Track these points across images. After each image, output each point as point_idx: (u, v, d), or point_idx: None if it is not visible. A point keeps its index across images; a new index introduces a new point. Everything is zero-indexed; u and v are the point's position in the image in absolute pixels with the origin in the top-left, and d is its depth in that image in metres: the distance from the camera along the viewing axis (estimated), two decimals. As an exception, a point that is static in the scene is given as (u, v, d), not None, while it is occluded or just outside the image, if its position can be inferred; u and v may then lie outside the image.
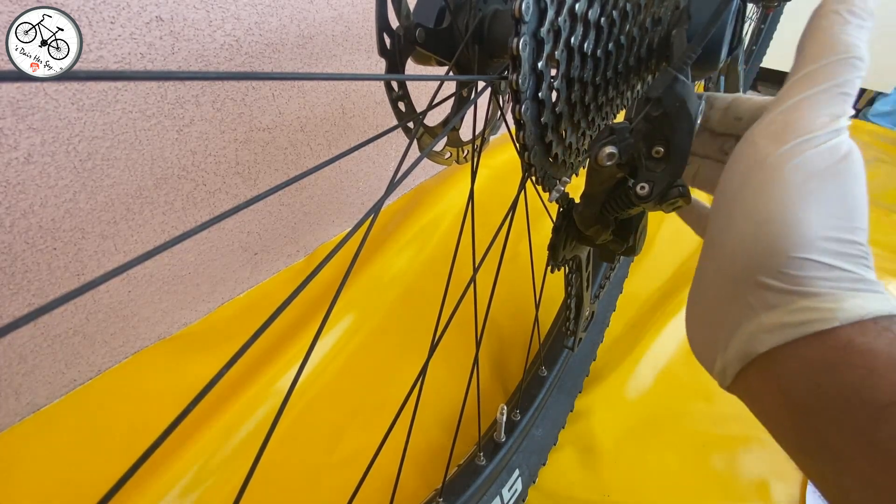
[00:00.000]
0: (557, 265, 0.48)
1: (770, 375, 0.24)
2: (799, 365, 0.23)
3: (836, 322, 0.22)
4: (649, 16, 0.38)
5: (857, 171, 0.24)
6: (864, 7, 0.26)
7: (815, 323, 0.22)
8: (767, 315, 0.24)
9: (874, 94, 2.05)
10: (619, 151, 0.31)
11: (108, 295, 0.68)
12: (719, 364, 0.27)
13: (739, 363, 0.25)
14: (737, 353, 0.25)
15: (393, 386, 0.78)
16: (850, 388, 0.21)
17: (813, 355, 0.22)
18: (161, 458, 0.63)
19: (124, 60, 0.57)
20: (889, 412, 0.20)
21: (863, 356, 0.21)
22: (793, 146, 0.24)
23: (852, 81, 0.26)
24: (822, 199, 0.24)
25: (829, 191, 0.24)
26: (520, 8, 0.27)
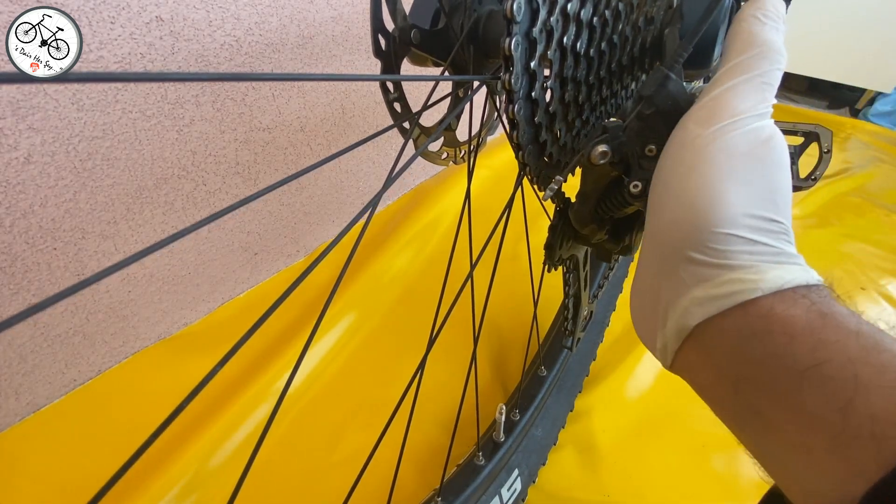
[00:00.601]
0: (554, 264, 0.48)
1: (703, 349, 0.25)
2: (726, 336, 0.24)
3: (758, 292, 0.23)
4: (642, 15, 0.38)
5: (779, 154, 0.26)
6: (777, 12, 0.30)
7: (740, 294, 0.23)
8: (697, 288, 0.25)
9: (874, 94, 2.05)
10: (611, 150, 0.31)
11: (108, 295, 0.68)
12: (660, 342, 0.27)
13: (677, 339, 0.26)
14: (674, 329, 0.26)
15: (393, 385, 0.78)
16: (773, 356, 0.22)
17: (738, 325, 0.24)
18: (161, 458, 0.64)
19: (124, 60, 0.58)
20: (809, 375, 0.21)
21: (783, 323, 0.22)
22: (718, 128, 0.26)
23: (772, 73, 0.28)
24: (744, 178, 0.25)
25: (752, 171, 0.25)
26: (511, 8, 0.27)
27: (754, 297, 0.23)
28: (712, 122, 0.27)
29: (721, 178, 0.25)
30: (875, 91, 2.02)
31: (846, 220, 1.31)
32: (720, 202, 0.25)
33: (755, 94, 0.27)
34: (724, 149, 0.26)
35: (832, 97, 2.16)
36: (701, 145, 0.26)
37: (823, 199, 1.38)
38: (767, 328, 0.23)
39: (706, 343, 0.25)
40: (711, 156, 0.26)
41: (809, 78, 2.06)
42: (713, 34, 0.35)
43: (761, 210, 0.25)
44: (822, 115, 2.01)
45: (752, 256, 0.24)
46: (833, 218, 1.31)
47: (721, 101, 0.27)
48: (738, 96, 0.27)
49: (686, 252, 0.25)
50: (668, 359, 0.28)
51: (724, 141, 0.26)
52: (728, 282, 0.24)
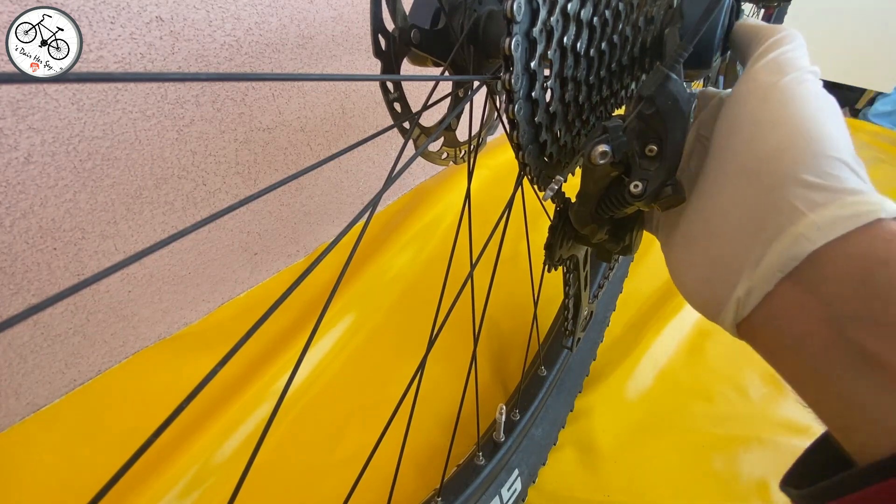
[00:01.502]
0: (554, 264, 0.48)
1: (810, 284, 0.24)
2: (850, 262, 0.22)
3: (884, 213, 0.22)
4: (642, 15, 0.38)
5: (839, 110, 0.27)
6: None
7: (867, 214, 0.22)
8: (816, 212, 0.23)
9: (874, 94, 2.05)
10: (612, 150, 0.31)
11: (108, 295, 0.68)
12: (742, 289, 0.26)
13: (776, 277, 0.25)
14: (776, 264, 0.24)
15: (393, 385, 0.78)
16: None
17: (864, 250, 0.22)
18: (162, 457, 0.64)
19: (124, 60, 0.58)
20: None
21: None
22: (794, 76, 0.27)
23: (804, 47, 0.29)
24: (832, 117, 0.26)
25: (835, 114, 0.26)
26: (511, 8, 0.27)
27: (879, 217, 0.22)
28: (785, 72, 0.27)
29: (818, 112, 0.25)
30: (875, 91, 2.02)
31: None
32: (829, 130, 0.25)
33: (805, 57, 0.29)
34: (809, 90, 0.26)
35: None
36: (785, 86, 0.27)
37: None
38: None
39: (815, 277, 0.23)
40: (803, 95, 0.26)
41: (809, 78, 2.05)
42: (713, 34, 0.35)
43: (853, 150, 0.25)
44: (822, 115, 2.00)
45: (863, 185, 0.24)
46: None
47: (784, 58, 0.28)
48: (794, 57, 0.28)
49: (800, 176, 0.24)
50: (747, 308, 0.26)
51: (805, 84, 0.27)
52: (852, 203, 0.23)
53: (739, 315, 0.27)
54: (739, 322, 0.27)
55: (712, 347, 0.87)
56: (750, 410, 0.78)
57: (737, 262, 0.27)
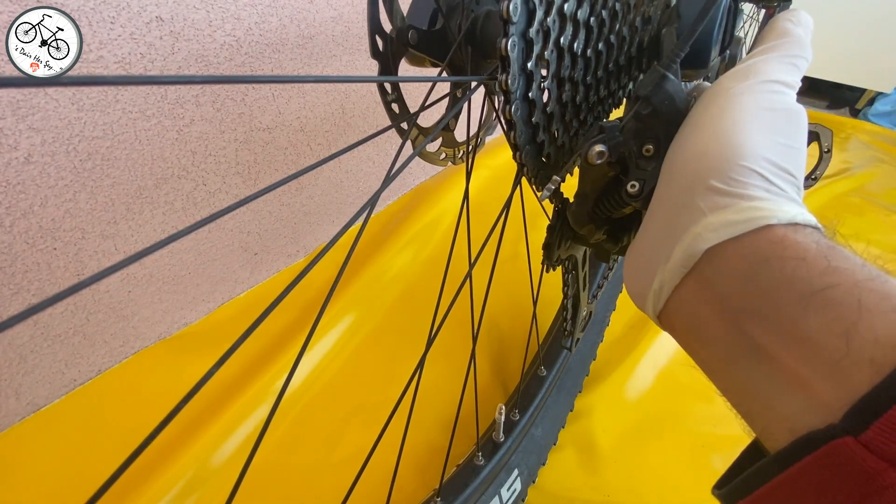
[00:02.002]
0: (553, 264, 0.48)
1: (707, 281, 0.26)
2: (737, 261, 0.25)
3: (774, 220, 0.24)
4: (639, 15, 0.38)
5: (801, 121, 0.28)
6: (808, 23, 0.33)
7: (755, 220, 0.24)
8: (714, 215, 0.25)
9: (874, 94, 2.05)
10: (609, 150, 0.31)
11: (108, 295, 0.69)
12: (657, 282, 0.28)
13: (681, 271, 0.27)
14: (679, 259, 0.26)
15: (393, 385, 0.78)
16: (781, 279, 0.23)
17: (751, 251, 0.24)
18: (162, 457, 0.64)
19: (124, 60, 0.58)
20: (817, 299, 0.22)
21: (795, 248, 0.23)
22: (751, 83, 0.28)
23: (800, 58, 0.31)
24: (770, 128, 0.27)
25: (777, 125, 0.27)
26: (508, 9, 0.27)
27: (769, 223, 0.24)
28: (744, 79, 0.29)
29: (749, 121, 0.27)
30: (875, 91, 2.02)
31: (846, 220, 1.31)
32: (748, 140, 0.26)
33: (785, 68, 0.30)
34: (756, 101, 0.28)
35: (832, 97, 2.16)
36: (734, 94, 0.28)
37: (823, 199, 1.38)
38: (779, 253, 0.23)
39: (711, 273, 0.26)
40: (743, 103, 0.28)
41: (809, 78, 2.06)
42: (710, 34, 0.35)
43: (781, 160, 0.26)
44: (822, 115, 2.01)
45: (768, 193, 0.25)
46: (833, 218, 1.31)
47: (756, 65, 0.29)
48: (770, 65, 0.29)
49: (708, 181, 0.26)
50: (661, 300, 0.28)
51: (755, 95, 0.28)
52: (746, 209, 0.25)
53: (657, 307, 0.29)
54: (658, 313, 0.29)
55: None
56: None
57: (656, 258, 0.29)
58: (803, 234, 0.24)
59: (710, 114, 0.28)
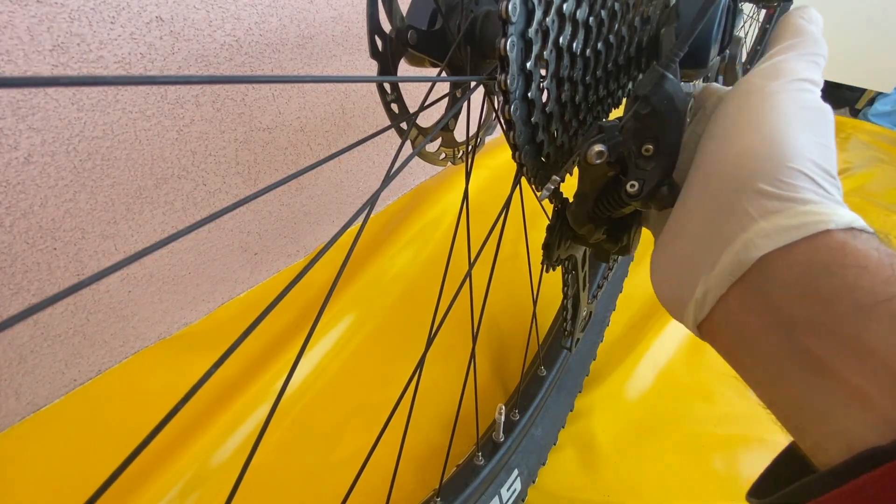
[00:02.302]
0: (552, 264, 0.48)
1: (758, 290, 0.24)
2: (792, 270, 0.23)
3: (832, 225, 0.23)
4: (638, 14, 0.38)
5: (831, 123, 0.27)
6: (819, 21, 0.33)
7: (814, 225, 0.23)
8: (766, 220, 0.24)
9: (874, 94, 2.05)
10: (608, 149, 0.31)
11: (108, 295, 0.69)
12: (700, 291, 0.27)
13: (728, 281, 0.25)
14: (727, 269, 0.25)
15: (393, 385, 0.78)
16: (842, 289, 0.22)
17: (808, 258, 0.23)
18: (162, 457, 0.64)
19: (124, 60, 0.58)
20: (880, 310, 0.21)
21: (855, 255, 0.22)
22: (783, 82, 0.28)
23: (819, 56, 0.30)
24: (810, 128, 0.26)
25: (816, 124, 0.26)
26: (506, 8, 0.27)
27: (826, 228, 0.23)
28: (775, 78, 0.28)
29: (791, 121, 0.26)
30: (875, 91, 2.02)
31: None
32: (794, 141, 0.25)
33: (809, 66, 0.29)
34: (793, 99, 0.27)
35: (832, 97, 2.17)
36: (770, 92, 0.27)
37: (824, 199, 1.38)
38: (839, 261, 0.22)
39: (763, 283, 0.24)
40: (781, 102, 0.27)
41: (810, 78, 2.05)
42: (709, 33, 0.35)
43: (823, 161, 0.25)
44: (823, 115, 2.00)
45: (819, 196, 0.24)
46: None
47: (783, 64, 0.29)
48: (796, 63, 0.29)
49: (756, 184, 0.25)
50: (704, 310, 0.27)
51: (790, 93, 0.27)
52: (800, 213, 0.23)
53: (698, 317, 0.28)
54: (699, 323, 0.28)
55: (712, 347, 0.86)
56: (750, 410, 0.78)
57: (697, 265, 0.27)
58: (862, 240, 0.23)
59: (748, 113, 0.27)
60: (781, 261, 0.24)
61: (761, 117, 0.26)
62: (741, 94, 0.29)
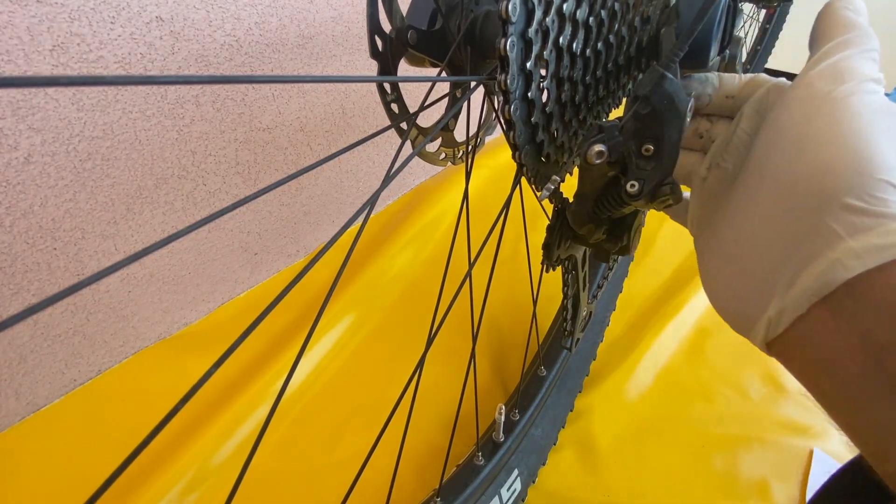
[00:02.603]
0: (552, 264, 0.48)
1: (846, 312, 0.23)
2: (885, 292, 0.22)
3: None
4: (638, 15, 0.38)
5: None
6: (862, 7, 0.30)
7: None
8: (856, 239, 0.22)
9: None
10: (608, 150, 0.31)
11: (108, 295, 0.69)
12: (774, 310, 0.25)
13: (809, 301, 0.24)
14: (810, 289, 0.24)
15: (393, 385, 0.78)
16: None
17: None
18: (161, 458, 0.64)
19: (124, 60, 0.58)
20: None
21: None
22: (850, 85, 0.25)
23: (876, 51, 0.28)
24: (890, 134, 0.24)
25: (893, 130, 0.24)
26: (506, 8, 0.27)
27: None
28: (842, 81, 0.26)
29: (871, 129, 0.24)
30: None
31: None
32: (879, 150, 0.23)
33: (870, 64, 0.27)
34: (867, 104, 0.25)
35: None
36: (839, 98, 0.25)
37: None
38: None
39: (852, 304, 0.23)
40: (857, 109, 0.24)
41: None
42: (709, 33, 0.35)
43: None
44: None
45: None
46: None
47: (844, 65, 0.27)
48: (859, 63, 0.27)
49: (842, 199, 0.23)
50: (778, 329, 0.26)
51: (862, 97, 0.25)
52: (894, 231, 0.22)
53: (770, 334, 0.26)
54: (770, 341, 0.27)
55: (712, 347, 0.86)
56: (750, 410, 0.78)
57: (769, 281, 0.26)
58: None
59: (821, 121, 0.25)
60: (874, 282, 0.22)
61: (838, 126, 0.24)
62: (805, 99, 0.27)
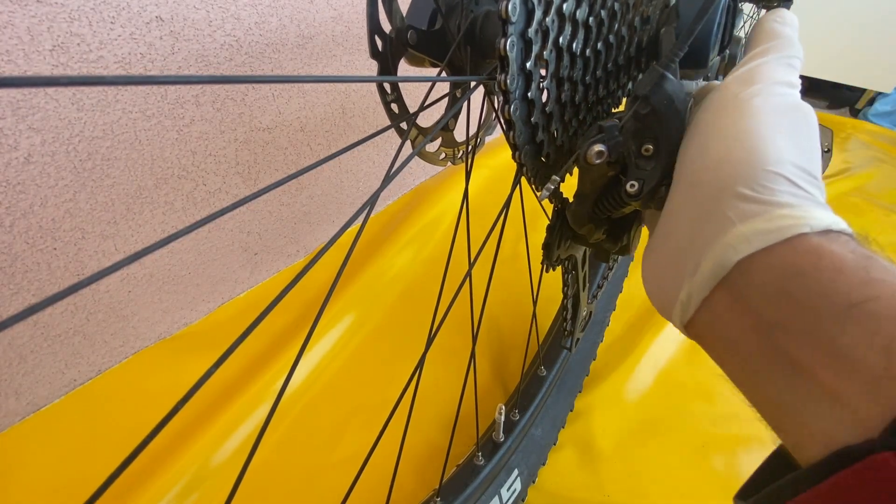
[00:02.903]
0: (552, 264, 0.48)
1: (738, 293, 0.25)
2: (770, 273, 0.24)
3: (808, 228, 0.23)
4: (638, 14, 0.39)
5: (812, 122, 0.28)
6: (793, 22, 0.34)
7: (790, 228, 0.23)
8: (744, 224, 0.25)
9: (874, 94, 2.04)
10: (608, 149, 0.31)
11: (108, 295, 0.69)
12: (685, 294, 0.27)
13: (708, 286, 0.26)
14: (709, 272, 0.26)
15: (393, 385, 0.78)
16: (818, 292, 0.22)
17: (785, 262, 0.23)
18: (161, 458, 0.64)
19: (124, 60, 0.58)
20: (855, 313, 0.21)
21: (831, 258, 0.22)
22: (759, 87, 0.28)
23: (795, 58, 0.31)
24: (788, 131, 0.26)
25: (793, 127, 0.27)
26: (506, 8, 0.27)
27: (804, 231, 0.23)
28: (753, 83, 0.29)
29: (768, 126, 0.26)
30: (875, 91, 2.02)
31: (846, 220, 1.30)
32: (772, 144, 0.26)
33: (785, 69, 0.30)
34: (768, 104, 0.27)
35: (832, 97, 2.16)
36: (745, 99, 0.28)
37: (824, 199, 1.38)
38: (816, 264, 0.23)
39: (743, 286, 0.25)
40: (758, 108, 0.27)
41: (809, 78, 2.06)
42: (709, 33, 0.35)
43: (803, 162, 0.26)
44: (822, 115, 2.00)
45: (797, 198, 0.24)
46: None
47: (759, 69, 0.30)
48: (772, 68, 0.30)
49: (735, 188, 0.25)
50: (689, 311, 0.27)
51: (766, 98, 0.28)
52: (779, 217, 0.24)
53: (684, 318, 0.28)
54: (686, 324, 0.28)
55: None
56: (750, 410, 0.77)
57: (682, 267, 0.28)
58: (838, 242, 0.23)
59: (726, 119, 0.28)
60: (760, 264, 0.24)
61: (738, 123, 0.27)
62: (718, 100, 0.29)
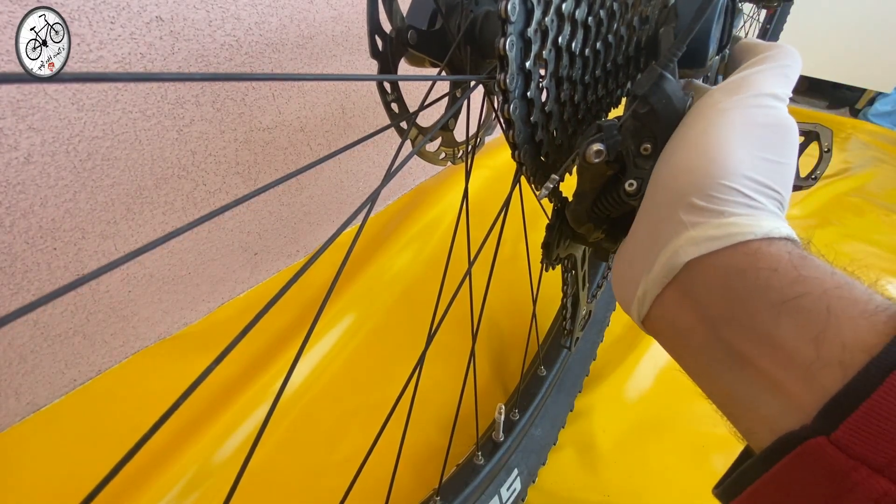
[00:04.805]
0: (552, 263, 0.48)
1: (687, 291, 0.27)
2: (715, 273, 0.26)
3: (750, 236, 0.25)
4: (637, 14, 0.39)
5: (791, 136, 0.29)
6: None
7: (733, 236, 0.25)
8: (695, 229, 0.27)
9: (874, 94, 2.05)
10: (607, 149, 0.31)
11: (108, 295, 0.69)
12: (641, 289, 0.29)
13: (661, 283, 0.28)
14: (661, 270, 0.28)
15: (394, 385, 0.78)
16: (756, 289, 0.24)
17: (727, 263, 0.25)
18: (161, 457, 0.64)
19: (124, 60, 0.58)
20: (788, 307, 0.23)
21: (768, 259, 0.24)
22: (741, 98, 0.29)
23: (792, 67, 0.32)
24: (757, 144, 0.27)
25: (764, 140, 0.28)
26: (506, 8, 0.27)
27: (746, 239, 0.25)
28: (736, 93, 0.29)
29: (735, 138, 0.27)
30: (875, 91, 2.02)
31: (846, 220, 1.31)
32: (730, 158, 0.27)
33: (777, 80, 0.30)
34: (744, 116, 0.28)
35: (832, 97, 2.17)
36: (722, 109, 0.29)
37: (823, 199, 1.38)
38: (754, 264, 0.25)
39: (691, 284, 0.27)
40: (731, 119, 0.28)
41: (809, 78, 2.06)
42: (707, 33, 0.35)
43: (764, 177, 0.27)
44: (822, 115, 2.01)
45: (748, 209, 0.26)
46: (833, 218, 1.31)
47: (747, 79, 0.30)
48: (762, 78, 0.30)
49: (690, 198, 0.27)
50: (645, 307, 0.29)
51: (744, 110, 0.28)
52: (724, 225, 0.26)
53: (641, 313, 0.30)
54: (643, 319, 0.30)
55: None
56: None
57: (640, 267, 0.30)
58: (777, 246, 0.25)
59: (696, 130, 0.29)
60: (706, 265, 0.26)
61: (707, 132, 0.28)
62: (699, 109, 0.30)
